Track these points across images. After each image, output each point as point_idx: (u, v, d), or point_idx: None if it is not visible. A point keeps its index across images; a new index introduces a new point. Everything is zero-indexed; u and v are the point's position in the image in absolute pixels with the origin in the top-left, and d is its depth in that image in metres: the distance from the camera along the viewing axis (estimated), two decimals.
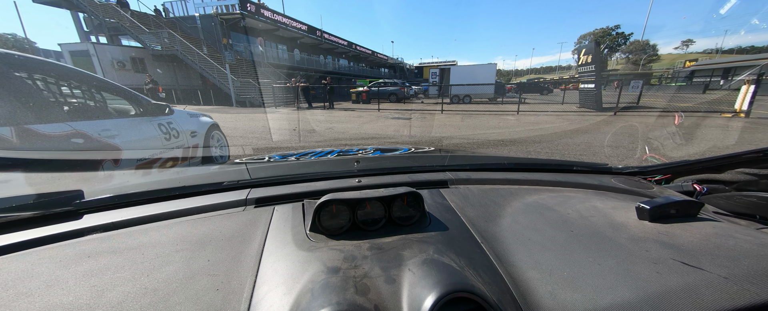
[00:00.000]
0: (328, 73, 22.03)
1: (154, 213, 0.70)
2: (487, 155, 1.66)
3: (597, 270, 0.50)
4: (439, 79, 20.50)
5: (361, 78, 29.52)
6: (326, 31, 27.94)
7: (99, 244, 0.58)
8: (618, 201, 0.79)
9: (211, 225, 0.65)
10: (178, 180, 0.90)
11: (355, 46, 33.91)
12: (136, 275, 0.49)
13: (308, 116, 10.47)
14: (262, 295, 0.45)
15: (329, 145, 5.31)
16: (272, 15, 21.21)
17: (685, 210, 0.67)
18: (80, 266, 0.51)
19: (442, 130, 7.04)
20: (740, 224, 0.71)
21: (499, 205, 0.76)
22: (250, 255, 0.55)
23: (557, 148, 4.85)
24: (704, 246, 0.55)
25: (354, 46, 33.64)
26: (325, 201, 0.59)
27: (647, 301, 0.43)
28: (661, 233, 0.60)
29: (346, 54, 34.03)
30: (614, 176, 1.05)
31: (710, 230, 0.61)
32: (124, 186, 0.83)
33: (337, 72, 30.80)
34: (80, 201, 0.72)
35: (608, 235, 0.60)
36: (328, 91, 13.32)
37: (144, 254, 0.55)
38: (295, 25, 23.60)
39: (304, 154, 1.40)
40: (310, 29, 25.49)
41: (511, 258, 0.54)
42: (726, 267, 0.49)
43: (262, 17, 20.08)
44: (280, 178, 0.90)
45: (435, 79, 21.18)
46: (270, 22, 20.91)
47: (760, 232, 0.63)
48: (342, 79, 30.17)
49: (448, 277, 0.44)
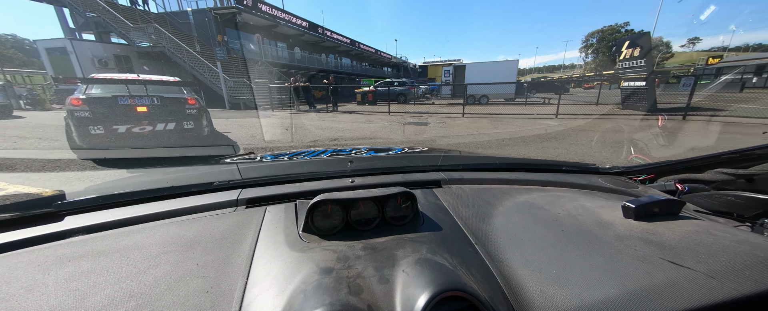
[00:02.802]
0: (330, 72, 20.47)
1: (141, 215, 0.67)
2: (479, 155, 1.62)
3: (585, 267, 0.51)
4: (451, 77, 18.58)
5: (365, 77, 27.99)
6: (328, 29, 26.45)
7: (81, 247, 0.56)
8: (605, 200, 0.81)
9: (200, 227, 0.63)
10: (166, 181, 0.84)
11: (358, 44, 32.38)
12: (120, 278, 0.48)
13: (308, 121, 8.92)
14: (253, 297, 0.44)
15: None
16: (271, 10, 19.74)
17: (667, 209, 0.69)
18: (62, 269, 0.50)
19: (488, 142, 5.48)
20: (719, 222, 0.73)
21: (491, 205, 0.76)
22: (241, 257, 0.53)
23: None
24: (686, 243, 0.56)
25: (357, 44, 32.12)
26: (319, 202, 0.59)
27: (632, 297, 0.44)
28: (645, 231, 0.61)
29: (348, 53, 32.49)
30: (601, 176, 1.07)
31: (691, 228, 0.63)
32: (109, 187, 0.80)
33: (340, 71, 29.27)
34: (61, 203, 0.69)
35: (596, 233, 0.62)
36: (332, 91, 11.78)
37: (129, 257, 0.53)
38: (296, 21, 22.11)
39: (296, 153, 1.37)
40: (312, 26, 23.99)
41: (503, 256, 0.55)
42: (706, 263, 0.50)
43: (259, 12, 18.61)
44: (272, 178, 0.88)
45: (448, 78, 19.05)
46: (268, 18, 19.43)
47: (737, 229, 0.65)
48: (344, 79, 28.67)
49: (441, 276, 0.44)
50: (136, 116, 4.14)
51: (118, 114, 4.01)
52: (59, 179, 3.46)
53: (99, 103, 3.93)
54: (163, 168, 2.47)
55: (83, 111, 3.82)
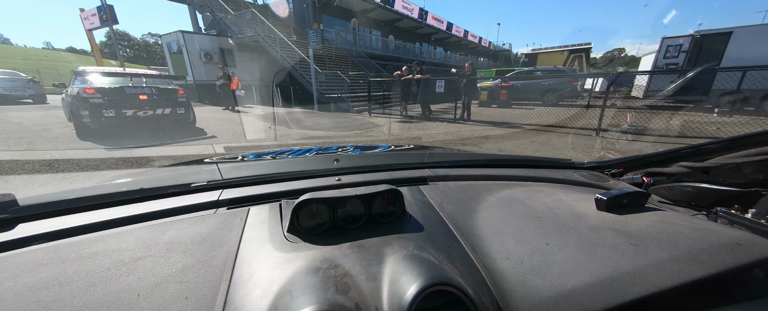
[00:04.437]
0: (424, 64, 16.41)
1: (110, 219, 0.63)
2: (463, 152, 1.75)
3: (562, 257, 0.53)
4: (684, 55, 9.75)
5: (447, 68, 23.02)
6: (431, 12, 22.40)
7: (43, 255, 0.52)
8: (580, 193, 0.83)
9: (178, 230, 0.60)
10: (140, 182, 0.79)
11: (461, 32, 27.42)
12: (89, 286, 0.45)
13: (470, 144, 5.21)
14: (237, 300, 0.43)
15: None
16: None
17: (635, 201, 0.72)
18: (20, 280, 0.46)
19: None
20: (679, 211, 0.78)
21: (475, 200, 0.76)
22: (223, 259, 0.52)
23: None
24: (650, 232, 0.60)
25: (458, 30, 27.19)
26: (304, 201, 0.57)
27: (604, 283, 0.47)
28: (615, 221, 0.64)
29: (444, 41, 27.88)
30: (576, 170, 1.10)
31: (655, 217, 0.66)
32: (72, 191, 0.72)
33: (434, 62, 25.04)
34: (16, 208, 0.63)
35: (571, 225, 0.64)
36: (464, 86, 7.67)
37: (98, 263, 0.50)
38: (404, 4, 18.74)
39: (280, 152, 1.34)
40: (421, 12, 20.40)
41: (486, 250, 0.56)
42: (668, 249, 0.53)
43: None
44: (255, 178, 0.85)
45: (672, 57, 10.05)
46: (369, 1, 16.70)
47: (695, 218, 0.69)
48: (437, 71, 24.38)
49: (428, 271, 0.44)
50: (139, 102, 5.34)
51: (126, 100, 5.20)
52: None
53: (110, 92, 5.10)
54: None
55: (97, 98, 4.93)
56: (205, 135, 5.63)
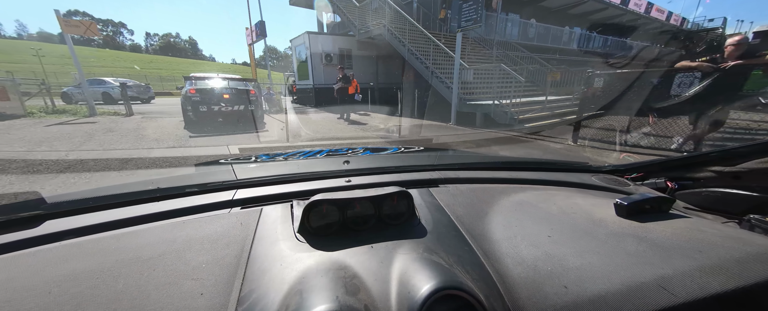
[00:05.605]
0: None
1: (131, 217, 0.65)
2: (475, 154, 1.68)
3: (578, 264, 0.51)
4: None
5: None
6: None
7: (67, 251, 0.54)
8: (597, 198, 0.81)
9: (194, 228, 0.62)
10: (159, 182, 0.81)
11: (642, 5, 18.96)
12: (111, 280, 0.47)
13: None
14: (249, 298, 0.44)
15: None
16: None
17: (658, 206, 0.69)
18: (46, 274, 0.49)
19: None
20: (707, 218, 0.75)
21: (487, 203, 0.75)
22: (236, 258, 0.52)
23: None
24: (675, 239, 0.57)
25: (637, 3, 18.82)
26: (315, 202, 0.58)
27: (624, 293, 0.45)
28: (636, 228, 0.62)
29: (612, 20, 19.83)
30: (594, 174, 1.07)
31: (681, 224, 0.64)
32: (96, 190, 0.76)
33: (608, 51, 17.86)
34: (47, 205, 0.67)
35: (588, 231, 0.62)
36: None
37: (119, 259, 0.52)
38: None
39: (292, 153, 1.33)
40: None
41: (498, 254, 0.55)
42: (695, 259, 0.51)
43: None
44: (267, 179, 0.86)
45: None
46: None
47: (725, 226, 0.66)
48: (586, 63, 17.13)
49: (438, 275, 0.44)
50: (223, 100, 6.79)
51: (214, 98, 6.71)
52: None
53: (205, 91, 6.69)
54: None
55: (196, 97, 6.53)
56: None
